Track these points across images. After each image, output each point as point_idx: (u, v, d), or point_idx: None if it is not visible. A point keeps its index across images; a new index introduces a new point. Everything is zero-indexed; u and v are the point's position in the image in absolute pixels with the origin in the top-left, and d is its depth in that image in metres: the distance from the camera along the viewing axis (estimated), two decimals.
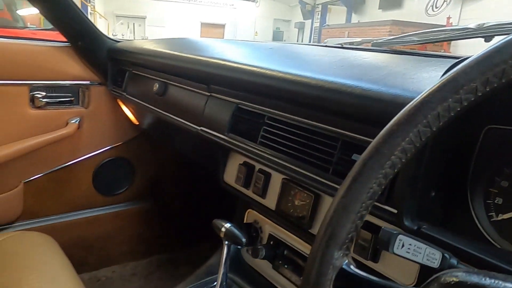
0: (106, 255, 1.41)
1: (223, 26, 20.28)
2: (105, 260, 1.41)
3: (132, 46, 1.17)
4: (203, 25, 20.00)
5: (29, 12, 5.30)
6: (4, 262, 0.86)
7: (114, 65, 1.25)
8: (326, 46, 1.04)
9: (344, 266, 0.29)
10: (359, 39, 1.12)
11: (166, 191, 1.56)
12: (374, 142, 0.29)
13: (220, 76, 0.79)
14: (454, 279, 0.25)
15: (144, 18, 18.89)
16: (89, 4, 13.98)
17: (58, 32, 1.21)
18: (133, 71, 1.17)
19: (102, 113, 1.32)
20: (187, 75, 0.91)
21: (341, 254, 0.29)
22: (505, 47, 0.26)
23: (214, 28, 19.89)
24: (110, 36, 1.31)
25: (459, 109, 0.27)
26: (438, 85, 0.28)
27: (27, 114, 1.18)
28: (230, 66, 0.77)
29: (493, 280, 0.24)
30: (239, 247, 0.61)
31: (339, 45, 0.99)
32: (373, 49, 0.98)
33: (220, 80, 0.80)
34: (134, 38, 19.32)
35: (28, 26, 5.35)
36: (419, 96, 0.28)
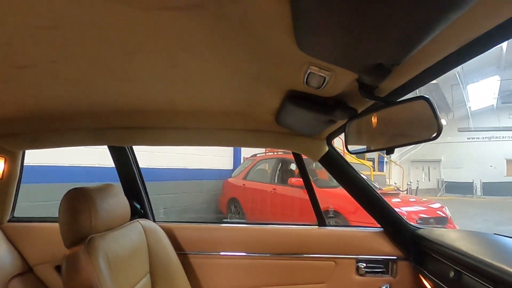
0: None
1: None
2: None
3: (431, 235, 1.50)
4: (510, 161, 17.91)
5: None
6: None
7: (416, 246, 1.61)
8: None
9: None
10: None
11: None
12: None
13: (501, 278, 1.00)
14: None
15: (439, 161, 19.02)
16: (385, 156, 15.64)
17: (342, 188, 1.67)
18: (432, 254, 1.48)
19: (406, 283, 1.65)
20: (476, 270, 1.15)
21: None
22: None
23: None
24: (405, 185, 1.70)
25: None
26: None
27: (353, 279, 1.67)
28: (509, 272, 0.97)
29: None
30: None
31: None
32: None
33: (501, 282, 1.00)
34: (429, 180, 19.44)
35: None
36: None
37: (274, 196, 6.31)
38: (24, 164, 1.71)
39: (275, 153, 8.10)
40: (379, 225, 1.71)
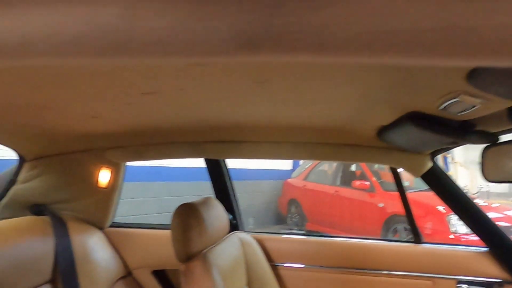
0: None
1: None
2: None
3: None
4: None
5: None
6: None
7: None
8: None
9: None
10: None
11: None
12: None
13: None
14: None
15: None
16: (448, 155, 14.66)
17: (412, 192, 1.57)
18: None
19: None
20: None
21: None
22: None
23: None
24: (475, 187, 1.57)
25: None
26: None
27: None
28: None
29: None
30: None
31: None
32: None
33: None
34: None
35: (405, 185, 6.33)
36: None
37: (336, 198, 6.20)
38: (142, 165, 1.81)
39: None
40: (483, 244, 1.60)
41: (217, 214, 1.38)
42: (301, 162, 8.24)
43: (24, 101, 0.96)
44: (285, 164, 8.26)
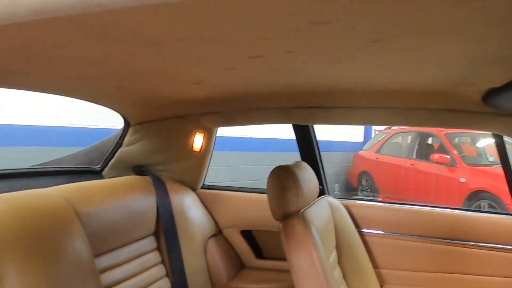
0: None
1: None
2: None
3: None
4: None
5: (488, 142, 5.76)
6: None
7: None
8: None
9: None
10: None
11: None
12: None
13: None
14: None
15: None
16: None
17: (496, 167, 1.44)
18: None
19: None
20: None
21: None
22: None
23: None
24: None
25: None
26: None
27: None
28: None
29: None
30: None
31: None
32: None
33: None
34: None
35: (490, 160, 5.78)
36: None
37: (412, 172, 5.95)
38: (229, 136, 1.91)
39: None
40: None
41: (310, 177, 1.41)
42: (373, 134, 7.98)
43: (135, 68, 1.03)
44: (355, 137, 8.07)
